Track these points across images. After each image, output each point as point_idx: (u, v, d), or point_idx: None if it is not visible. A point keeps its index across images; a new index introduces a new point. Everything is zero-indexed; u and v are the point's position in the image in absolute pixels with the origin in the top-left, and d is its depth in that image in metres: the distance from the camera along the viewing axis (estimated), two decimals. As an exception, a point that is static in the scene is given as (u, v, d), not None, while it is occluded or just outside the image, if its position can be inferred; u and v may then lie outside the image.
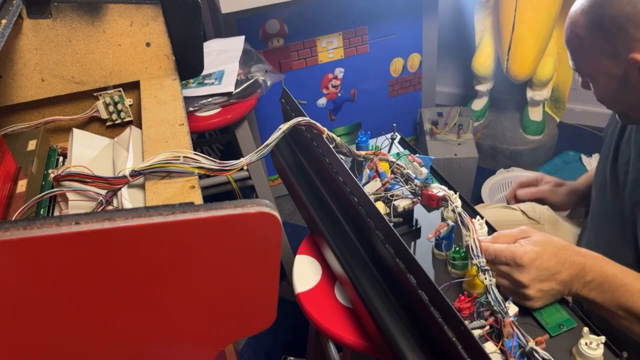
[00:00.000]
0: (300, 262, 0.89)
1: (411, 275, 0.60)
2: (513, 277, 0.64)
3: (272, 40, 1.74)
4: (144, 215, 0.40)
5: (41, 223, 0.38)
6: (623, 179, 0.82)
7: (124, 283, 0.43)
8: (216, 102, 1.25)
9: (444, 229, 0.74)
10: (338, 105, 1.97)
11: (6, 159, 0.67)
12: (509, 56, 1.79)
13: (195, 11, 0.88)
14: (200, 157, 0.64)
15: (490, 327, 0.62)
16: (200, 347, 0.52)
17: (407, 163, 0.85)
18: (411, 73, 2.02)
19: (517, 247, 0.65)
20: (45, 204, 0.66)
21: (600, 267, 0.65)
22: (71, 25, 0.83)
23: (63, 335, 0.44)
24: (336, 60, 1.86)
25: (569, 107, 2.16)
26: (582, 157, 1.99)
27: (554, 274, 0.64)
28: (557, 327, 0.65)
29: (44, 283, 0.40)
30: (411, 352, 0.62)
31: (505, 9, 1.74)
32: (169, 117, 0.78)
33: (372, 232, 0.68)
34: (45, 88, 0.86)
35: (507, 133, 2.05)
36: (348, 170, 0.73)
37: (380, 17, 1.84)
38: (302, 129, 0.81)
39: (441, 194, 0.75)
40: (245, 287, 0.50)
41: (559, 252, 0.65)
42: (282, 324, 1.56)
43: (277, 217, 0.44)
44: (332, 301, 0.81)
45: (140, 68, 0.90)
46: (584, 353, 0.60)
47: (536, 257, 0.63)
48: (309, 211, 0.86)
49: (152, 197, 0.62)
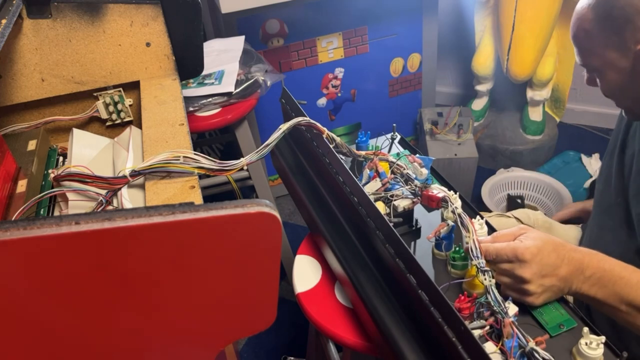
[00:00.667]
0: (300, 262, 0.89)
1: (411, 275, 0.60)
2: (515, 273, 0.65)
3: (272, 40, 1.74)
4: (144, 215, 0.40)
5: (41, 223, 0.38)
6: (628, 171, 0.83)
7: (124, 283, 0.43)
8: (216, 102, 1.25)
9: (443, 229, 0.74)
10: (338, 105, 1.97)
11: (6, 159, 0.67)
12: (509, 56, 1.79)
13: (195, 11, 0.88)
14: (200, 157, 0.64)
15: (490, 327, 0.62)
16: (200, 347, 0.52)
17: (407, 163, 0.85)
18: (411, 73, 2.02)
19: (517, 244, 0.65)
20: (45, 204, 0.66)
21: (598, 262, 0.66)
22: (71, 25, 0.83)
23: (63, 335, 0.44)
24: (336, 60, 1.86)
25: (569, 107, 2.16)
26: (582, 157, 1.99)
27: (555, 270, 0.65)
28: (557, 327, 0.65)
29: (44, 283, 0.40)
30: (411, 352, 0.62)
31: (505, 9, 1.74)
32: (169, 117, 0.78)
33: (372, 232, 0.68)
34: (45, 88, 0.86)
35: (507, 133, 2.05)
36: (348, 170, 0.73)
37: (380, 17, 1.84)
38: (302, 129, 0.81)
39: (441, 195, 0.75)
40: (245, 287, 0.50)
41: (558, 248, 0.66)
42: (282, 324, 1.56)
43: (277, 217, 0.44)
44: (332, 301, 0.81)
45: (140, 68, 0.90)
46: (584, 353, 0.60)
47: (537, 252, 0.64)
48: (309, 211, 0.86)
49: (152, 197, 0.62)
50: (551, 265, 0.64)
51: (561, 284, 0.65)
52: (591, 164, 1.96)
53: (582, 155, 2.00)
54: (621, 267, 0.66)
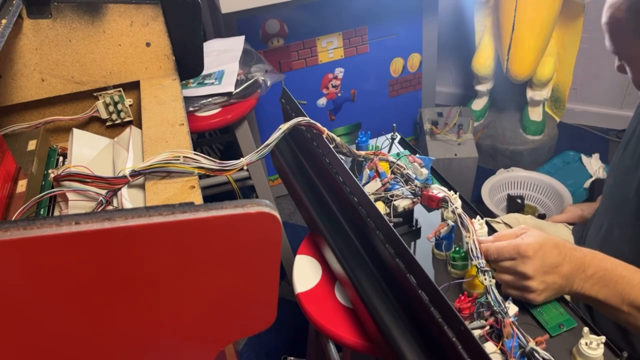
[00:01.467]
0: (300, 262, 0.89)
1: (411, 275, 0.60)
2: (517, 270, 0.65)
3: (272, 40, 1.74)
4: (144, 215, 0.40)
5: (41, 223, 0.38)
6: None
7: (124, 283, 0.43)
8: (216, 102, 1.25)
9: (444, 229, 0.74)
10: (338, 105, 1.97)
11: (6, 159, 0.67)
12: (509, 56, 1.79)
13: (195, 11, 0.88)
14: (200, 157, 0.64)
15: (490, 327, 0.62)
16: (200, 347, 0.52)
17: (407, 163, 0.85)
18: (411, 73, 2.02)
19: (519, 241, 0.66)
20: (45, 204, 0.66)
21: (600, 261, 0.66)
22: (71, 25, 0.83)
23: (63, 335, 0.44)
24: (336, 60, 1.86)
25: (569, 107, 2.16)
26: (582, 157, 1.99)
27: (556, 267, 0.65)
28: (557, 327, 0.65)
29: (44, 283, 0.40)
30: (411, 352, 0.62)
31: (505, 9, 1.74)
32: (169, 117, 0.78)
33: (372, 232, 0.68)
34: (45, 88, 0.86)
35: (507, 133, 2.05)
36: (348, 170, 0.73)
37: (380, 17, 1.84)
38: (302, 129, 0.81)
39: (441, 195, 0.75)
40: (245, 287, 0.50)
41: (559, 246, 0.66)
42: (282, 324, 1.56)
43: (277, 217, 0.44)
44: (332, 301, 0.81)
45: (140, 68, 0.90)
46: (584, 353, 0.60)
47: (539, 248, 0.64)
48: (309, 211, 0.86)
49: (152, 197, 0.62)
50: (553, 262, 0.65)
51: (563, 281, 0.65)
52: (591, 164, 1.96)
53: (582, 155, 2.00)
54: (623, 267, 0.66)
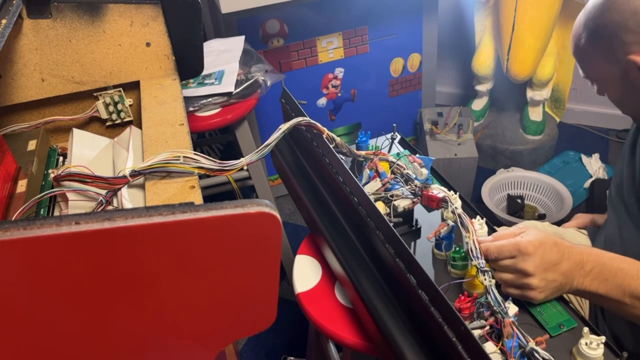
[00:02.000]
0: (300, 262, 0.89)
1: (411, 275, 0.60)
2: (518, 267, 0.65)
3: (272, 40, 1.74)
4: (144, 215, 0.40)
5: (41, 223, 0.38)
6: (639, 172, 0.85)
7: (123, 283, 0.43)
8: (216, 102, 1.25)
9: (443, 229, 0.74)
10: (338, 105, 1.97)
11: (6, 159, 0.67)
12: (509, 56, 1.79)
13: (195, 11, 0.88)
14: (200, 157, 0.64)
15: (490, 327, 0.62)
16: (200, 347, 0.52)
17: (407, 163, 0.85)
18: (411, 73, 2.02)
19: (519, 239, 0.66)
20: (45, 204, 0.66)
21: (597, 256, 0.67)
22: (71, 25, 0.83)
23: (63, 335, 0.44)
24: (336, 60, 1.86)
25: (569, 107, 2.16)
26: (582, 157, 1.99)
27: (556, 264, 0.65)
28: (557, 327, 0.65)
29: (44, 283, 0.40)
30: (411, 352, 0.62)
31: (505, 9, 1.74)
32: (169, 117, 0.78)
33: (372, 232, 0.68)
34: (45, 88, 0.86)
35: (507, 133, 2.05)
36: (348, 170, 0.73)
37: (380, 17, 1.84)
38: (302, 129, 0.81)
39: (441, 195, 0.75)
40: (245, 287, 0.50)
41: (558, 244, 0.67)
42: (282, 324, 1.56)
43: (277, 217, 0.44)
44: (332, 301, 0.81)
45: (140, 68, 0.90)
46: (584, 353, 0.60)
47: (539, 245, 0.65)
48: (309, 211, 0.86)
49: (152, 197, 0.62)
50: (553, 260, 0.65)
51: (563, 279, 0.66)
52: (591, 164, 1.96)
53: (582, 155, 2.00)
54: (620, 260, 0.67)
